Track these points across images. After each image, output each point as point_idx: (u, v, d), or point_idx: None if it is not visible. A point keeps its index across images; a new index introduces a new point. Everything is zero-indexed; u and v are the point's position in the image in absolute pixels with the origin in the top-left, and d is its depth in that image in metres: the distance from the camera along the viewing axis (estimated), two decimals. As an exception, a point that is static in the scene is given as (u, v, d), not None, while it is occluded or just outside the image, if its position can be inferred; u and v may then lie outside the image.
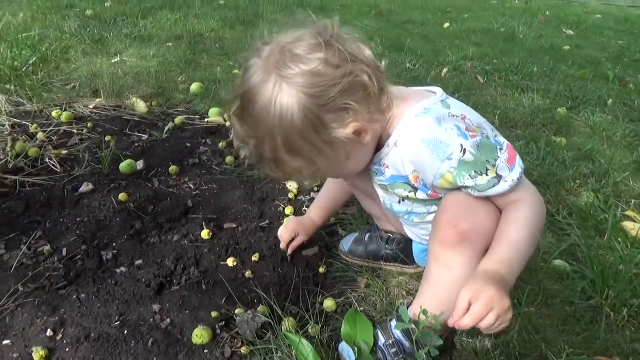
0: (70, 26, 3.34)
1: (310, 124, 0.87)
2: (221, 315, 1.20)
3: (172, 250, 1.40)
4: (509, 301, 0.83)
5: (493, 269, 0.87)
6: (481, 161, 0.90)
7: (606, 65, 3.51)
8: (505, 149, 0.93)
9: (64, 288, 1.25)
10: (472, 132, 0.92)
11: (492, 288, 0.82)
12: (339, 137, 0.90)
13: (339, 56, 0.87)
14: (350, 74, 0.87)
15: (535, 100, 2.71)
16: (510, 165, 0.91)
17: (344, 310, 1.24)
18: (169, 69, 2.74)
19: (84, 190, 1.63)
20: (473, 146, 0.89)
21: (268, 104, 0.87)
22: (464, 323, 0.82)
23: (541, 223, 0.96)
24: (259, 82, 0.88)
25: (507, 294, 0.84)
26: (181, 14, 3.86)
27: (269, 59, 0.88)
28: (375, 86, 0.90)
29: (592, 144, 2.21)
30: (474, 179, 0.90)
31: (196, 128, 2.14)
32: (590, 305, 1.27)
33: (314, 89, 0.85)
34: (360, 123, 0.91)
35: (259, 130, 0.90)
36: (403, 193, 1.06)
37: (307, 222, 1.40)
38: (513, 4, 5.95)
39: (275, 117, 0.87)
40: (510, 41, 4.07)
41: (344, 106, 0.88)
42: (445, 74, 3.08)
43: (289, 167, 0.95)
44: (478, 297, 0.82)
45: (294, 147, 0.90)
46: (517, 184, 0.91)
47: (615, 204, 1.72)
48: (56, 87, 2.39)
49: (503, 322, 0.83)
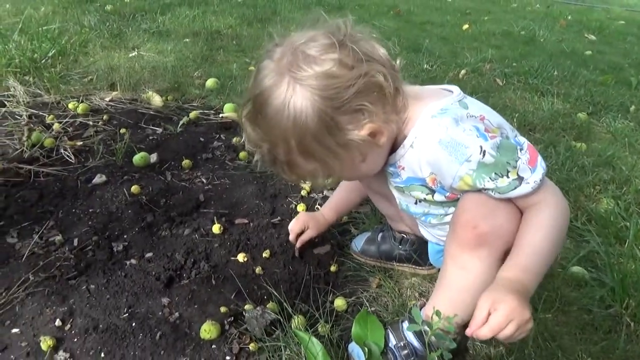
0: (89, 20, 3.37)
1: (325, 126, 0.85)
2: (230, 310, 1.19)
3: (182, 244, 1.39)
4: (529, 312, 0.80)
5: (514, 277, 0.85)
6: (501, 163, 0.87)
7: (629, 72, 3.43)
8: (525, 149, 0.90)
9: (73, 278, 1.25)
10: (492, 132, 0.89)
11: (512, 298, 0.80)
12: (354, 139, 0.88)
13: (353, 56, 0.84)
14: (365, 75, 0.84)
15: (555, 104, 2.66)
16: (531, 166, 0.88)
17: (354, 310, 1.22)
18: (185, 64, 2.75)
19: (97, 182, 1.63)
20: (493, 147, 0.86)
21: (281, 107, 0.84)
22: (482, 333, 0.79)
23: (565, 226, 0.92)
24: (271, 84, 0.85)
25: (527, 304, 0.81)
26: (199, 11, 3.87)
27: (281, 60, 0.85)
28: (391, 86, 0.88)
29: (613, 150, 2.15)
30: (494, 181, 0.87)
31: (210, 123, 2.13)
32: (609, 314, 1.23)
33: (328, 91, 0.83)
34: (376, 124, 0.88)
35: (272, 133, 0.88)
36: (420, 195, 1.04)
37: (319, 217, 1.39)
38: (534, 7, 5.86)
39: (289, 120, 0.84)
40: (531, 44, 4.01)
41: (359, 107, 0.86)
42: (463, 76, 3.03)
43: (303, 169, 0.93)
44: (497, 307, 0.79)
45: (308, 150, 0.88)
46: (539, 185, 0.88)
47: (637, 212, 1.67)
48: (74, 79, 2.41)
49: (522, 332, 0.81)
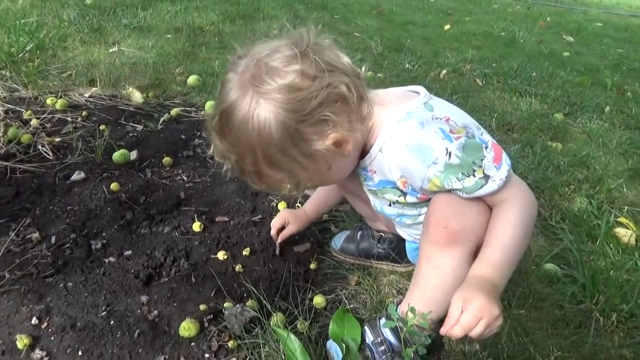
0: (69, 14, 3.31)
1: (289, 137, 0.86)
2: (209, 308, 1.19)
3: (162, 242, 1.39)
4: (498, 308, 0.83)
5: (485, 274, 0.87)
6: (467, 163, 0.88)
7: (604, 73, 3.52)
8: (490, 147, 0.92)
9: (51, 276, 1.24)
10: (457, 133, 0.91)
11: (482, 296, 0.82)
12: (318, 149, 0.88)
13: (315, 67, 0.85)
14: (328, 86, 0.85)
15: (533, 105, 2.71)
16: (496, 164, 0.90)
17: (333, 307, 1.24)
18: (166, 61, 2.72)
19: (75, 179, 1.61)
20: (458, 148, 0.88)
21: (246, 120, 0.85)
22: (454, 333, 0.82)
23: (532, 220, 0.94)
24: (235, 98, 0.86)
25: (496, 300, 0.83)
26: (181, 6, 3.84)
27: (245, 73, 0.86)
28: (354, 95, 0.89)
29: (588, 150, 2.21)
30: (462, 181, 0.89)
31: (192, 120, 2.12)
32: (579, 310, 1.27)
33: (292, 104, 0.84)
34: (340, 133, 0.89)
35: (239, 145, 0.89)
36: (393, 197, 1.06)
37: (300, 213, 1.40)
38: (514, 8, 5.95)
39: (253, 132, 0.85)
40: (510, 45, 4.08)
41: (323, 118, 0.87)
42: (444, 76, 3.07)
43: (271, 179, 0.94)
44: (467, 307, 0.82)
45: (273, 161, 0.89)
46: (505, 182, 0.90)
47: (608, 210, 1.72)
48: (52, 74, 2.37)
49: (492, 329, 0.83)
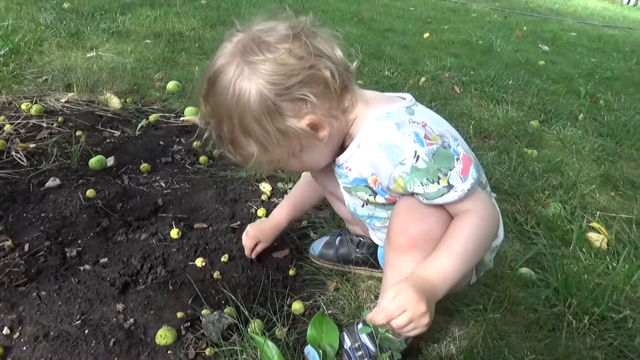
0: (45, 18, 3.27)
1: (265, 109, 0.88)
2: (187, 315, 1.18)
3: (139, 249, 1.38)
4: (426, 308, 0.83)
5: (426, 276, 0.88)
6: (433, 169, 0.90)
7: (578, 82, 3.61)
8: (461, 158, 0.92)
9: (23, 285, 1.21)
10: (431, 140, 0.92)
11: (413, 292, 0.83)
12: (293, 126, 0.91)
13: (304, 49, 0.88)
14: (311, 67, 0.88)
15: (509, 112, 2.77)
16: (463, 176, 0.91)
17: (311, 313, 1.24)
18: (145, 66, 2.70)
19: (50, 185, 1.59)
20: (427, 154, 0.89)
21: (228, 85, 0.89)
22: (376, 318, 0.84)
23: (489, 236, 0.96)
24: (223, 63, 0.90)
25: (427, 302, 0.84)
26: (161, 12, 3.82)
27: (238, 43, 0.90)
28: (337, 83, 0.91)
29: (562, 157, 2.26)
30: (425, 186, 0.91)
31: (170, 126, 2.11)
32: (553, 313, 1.30)
33: (274, 77, 0.87)
34: (317, 116, 0.92)
35: (219, 109, 0.92)
36: (364, 196, 1.07)
37: (267, 227, 1.37)
38: (492, 17, 6.07)
39: (233, 98, 0.89)
40: (488, 54, 4.15)
41: (302, 97, 0.89)
42: (423, 83, 3.11)
43: (245, 150, 0.96)
44: (396, 298, 0.84)
45: (247, 130, 0.91)
46: (467, 194, 0.91)
47: (581, 216, 1.77)
48: (27, 79, 2.33)
49: (417, 326, 0.84)
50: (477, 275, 1.15)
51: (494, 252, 1.16)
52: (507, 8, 6.98)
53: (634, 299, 1.38)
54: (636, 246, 1.60)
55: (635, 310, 1.32)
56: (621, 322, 1.27)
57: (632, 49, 5.15)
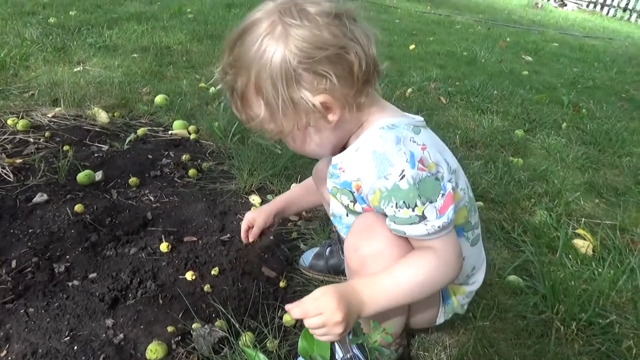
0: (31, 33, 3.25)
1: (284, 72, 0.87)
2: (177, 329, 1.18)
3: (128, 263, 1.37)
4: (342, 318, 0.83)
5: (359, 291, 0.88)
6: (413, 194, 0.87)
7: (561, 91, 3.68)
8: (445, 195, 0.90)
9: (11, 302, 1.20)
10: (424, 166, 0.91)
11: (336, 299, 0.84)
12: (306, 99, 0.89)
13: (341, 29, 0.88)
14: (342, 48, 0.87)
15: (495, 122, 2.81)
16: (440, 212, 0.89)
17: (303, 325, 1.22)
18: (133, 80, 2.71)
19: (37, 201, 1.57)
20: (414, 177, 0.88)
21: (257, 38, 0.88)
22: (292, 311, 0.86)
23: (441, 283, 0.94)
24: (259, 17, 0.89)
25: (347, 313, 0.84)
26: (148, 26, 3.82)
27: (280, 4, 0.90)
28: (362, 73, 0.90)
29: (547, 165, 2.30)
30: (398, 209, 0.89)
31: (159, 140, 2.11)
32: (541, 319, 1.31)
33: (303, 44, 0.86)
34: (332, 98, 0.90)
35: (240, 60, 0.90)
36: (346, 200, 1.06)
37: (261, 210, 1.37)
38: (475, 29, 6.17)
39: (257, 52, 0.88)
40: (472, 64, 4.22)
41: (324, 73, 0.88)
42: (410, 94, 3.15)
43: (252, 111, 0.94)
44: (318, 298, 0.85)
45: (261, 88, 0.90)
46: (437, 232, 0.89)
47: (566, 223, 1.80)
48: (13, 94, 2.32)
49: (329, 333, 0.85)
50: (445, 316, 1.13)
51: (468, 297, 1.15)
52: (491, 20, 7.11)
53: (619, 304, 1.41)
54: (620, 252, 1.63)
55: (621, 315, 1.35)
56: (608, 327, 1.29)
57: (612, 59, 5.27)
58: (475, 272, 1.14)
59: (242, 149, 1.98)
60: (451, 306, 1.12)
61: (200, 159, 2.00)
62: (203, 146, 2.13)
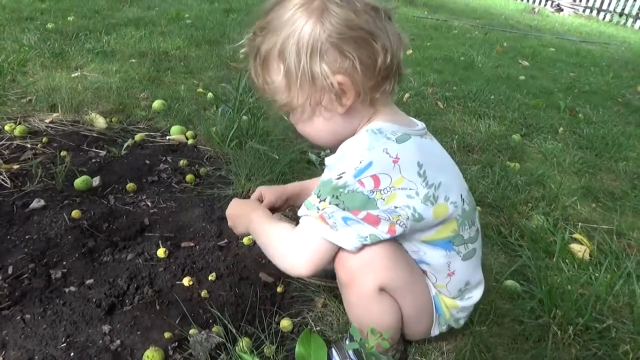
0: (29, 39, 3.26)
1: (311, 44, 0.89)
2: (174, 335, 1.17)
3: (125, 269, 1.37)
4: (230, 212, 1.23)
5: (251, 219, 1.12)
6: (333, 194, 0.90)
7: (558, 96, 3.69)
8: (365, 216, 0.90)
9: (7, 308, 1.19)
10: (374, 183, 0.89)
11: (236, 205, 1.24)
12: (325, 75, 0.90)
13: (375, 21, 0.90)
14: (371, 34, 0.89)
15: (492, 127, 2.82)
16: (337, 221, 0.90)
17: (300, 330, 1.24)
18: (131, 85, 2.71)
19: (34, 207, 1.57)
20: (347, 186, 0.89)
21: (292, 6, 0.91)
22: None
23: (273, 255, 1.04)
24: None
25: (236, 215, 1.20)
26: (146, 31, 3.83)
27: None
28: (385, 65, 0.91)
29: (544, 170, 2.31)
30: (314, 195, 0.94)
31: (157, 146, 2.11)
32: (538, 324, 1.31)
33: (337, 22, 0.88)
34: (349, 82, 0.91)
35: (272, 23, 0.92)
36: None
37: (278, 186, 1.36)
38: (473, 34, 6.20)
39: (290, 19, 0.90)
40: (469, 69, 4.24)
41: (348, 54, 0.89)
42: (407, 99, 3.16)
43: (270, 77, 0.96)
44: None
45: (284, 54, 0.91)
46: (306, 214, 0.94)
47: (563, 227, 1.80)
48: (10, 100, 2.32)
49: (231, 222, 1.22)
50: (439, 328, 1.14)
51: (464, 312, 1.15)
52: (488, 25, 7.14)
53: (616, 309, 1.41)
54: (617, 256, 1.64)
55: (618, 320, 1.35)
56: (605, 332, 1.29)
57: (608, 64, 5.30)
58: (471, 288, 1.13)
59: (240, 154, 1.99)
60: (443, 317, 1.12)
61: (197, 164, 2.00)
62: (201, 151, 2.13)
